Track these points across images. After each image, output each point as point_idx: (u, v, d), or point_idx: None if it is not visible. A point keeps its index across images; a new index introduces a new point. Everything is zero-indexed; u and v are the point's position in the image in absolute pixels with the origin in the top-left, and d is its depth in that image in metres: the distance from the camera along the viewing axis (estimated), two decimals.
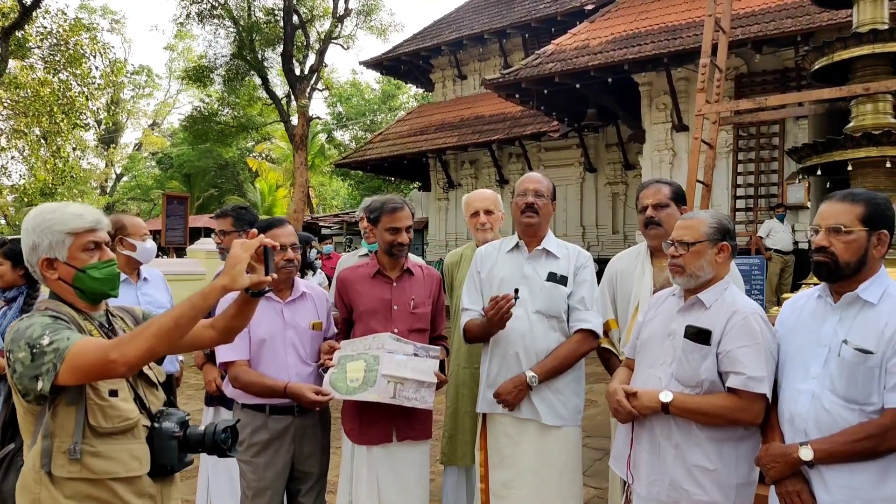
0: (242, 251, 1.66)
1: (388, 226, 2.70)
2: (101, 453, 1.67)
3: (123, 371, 1.58)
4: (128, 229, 3.24)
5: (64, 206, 1.77)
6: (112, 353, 1.55)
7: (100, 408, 1.67)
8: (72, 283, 1.75)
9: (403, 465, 2.69)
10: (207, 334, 1.88)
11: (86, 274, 1.75)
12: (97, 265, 1.76)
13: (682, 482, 2.08)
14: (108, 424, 1.68)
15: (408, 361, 2.58)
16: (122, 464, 1.69)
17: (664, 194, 2.70)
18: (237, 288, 1.66)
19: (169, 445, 1.77)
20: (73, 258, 1.74)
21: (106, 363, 1.55)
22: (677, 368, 2.12)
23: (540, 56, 12.44)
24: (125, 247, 3.22)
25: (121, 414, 1.70)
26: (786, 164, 11.23)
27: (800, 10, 9.87)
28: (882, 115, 4.17)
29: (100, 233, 1.79)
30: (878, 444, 1.78)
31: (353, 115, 31.57)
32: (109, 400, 1.69)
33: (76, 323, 1.72)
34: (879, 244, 1.91)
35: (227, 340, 1.94)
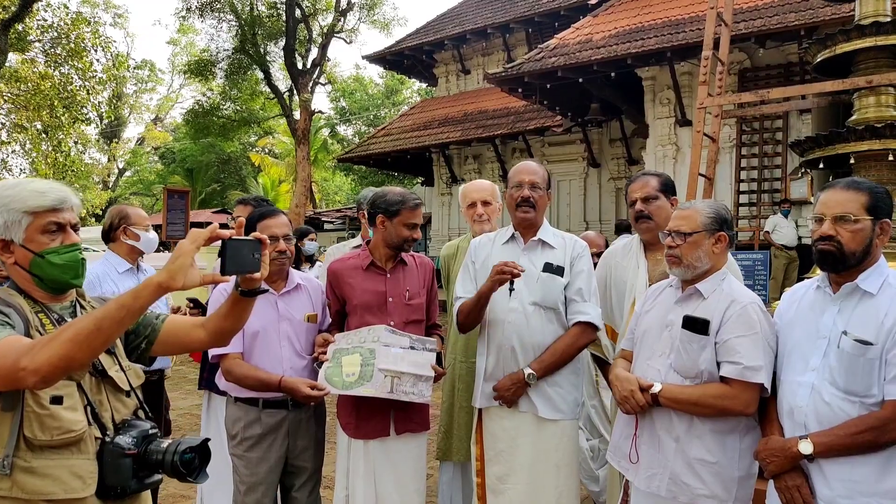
0: (189, 242, 1.41)
1: (407, 221, 2.64)
2: (35, 470, 1.43)
3: (34, 382, 1.32)
4: (131, 219, 3.30)
5: (25, 183, 1.56)
6: (23, 360, 1.30)
7: (37, 416, 1.44)
8: (28, 269, 1.54)
9: (401, 458, 2.66)
10: (197, 335, 1.70)
11: (44, 259, 1.53)
12: (57, 249, 1.54)
13: (683, 476, 2.06)
14: (44, 436, 1.44)
15: (405, 355, 2.55)
16: (60, 483, 1.45)
17: (652, 186, 2.64)
18: (176, 287, 1.39)
19: (121, 464, 1.51)
20: (31, 240, 1.52)
21: (15, 371, 1.31)
22: (676, 359, 2.10)
23: (543, 50, 12.39)
24: (129, 236, 3.27)
25: (61, 425, 1.46)
26: (789, 158, 11.16)
27: (803, 5, 9.81)
28: (885, 107, 4.14)
29: (64, 213, 1.56)
30: (879, 436, 1.76)
31: (355, 110, 31.55)
32: (50, 408, 1.45)
33: (24, 316, 1.49)
34: (882, 234, 1.89)
35: (219, 343, 1.75)
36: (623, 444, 2.24)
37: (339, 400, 2.73)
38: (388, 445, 2.64)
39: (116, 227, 3.26)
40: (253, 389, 2.54)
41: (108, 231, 3.29)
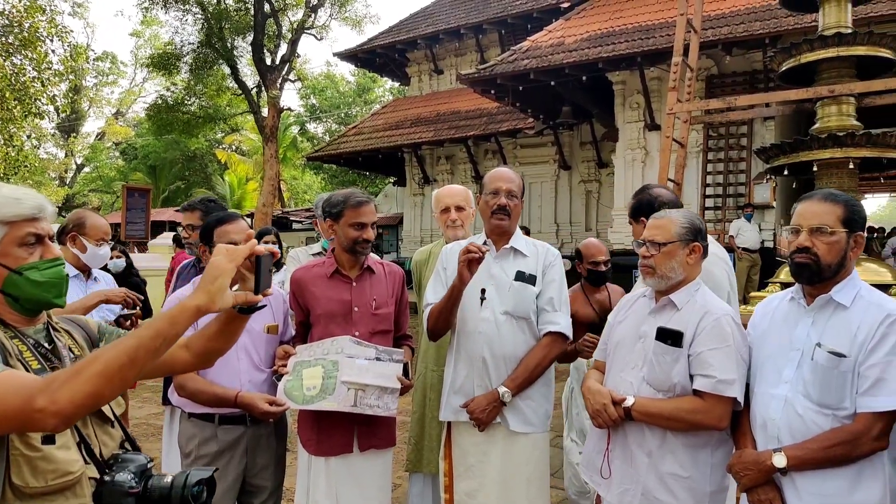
0: (227, 261, 1.27)
1: (352, 221, 2.52)
2: None
3: (54, 424, 1.16)
4: (86, 228, 3.12)
5: None
6: (39, 400, 1.13)
7: (27, 460, 1.26)
8: (1, 289, 1.34)
9: (364, 476, 2.56)
10: (181, 357, 1.52)
11: (22, 277, 1.34)
12: (37, 265, 1.36)
13: (655, 491, 2.03)
14: (38, 483, 1.27)
15: (370, 366, 2.45)
16: None
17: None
18: (216, 309, 1.27)
19: None
20: (6, 255, 1.33)
21: (30, 413, 1.13)
22: (649, 372, 2.07)
23: (516, 52, 12.43)
24: (76, 245, 3.08)
25: (58, 468, 1.29)
26: (753, 164, 11.38)
27: (768, 14, 10.01)
28: (846, 116, 4.23)
29: (42, 223, 1.38)
30: (851, 450, 1.75)
31: (326, 108, 31.27)
32: (42, 449, 1.28)
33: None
34: (856, 246, 1.89)
35: (204, 365, 1.58)
36: (595, 459, 2.20)
37: (299, 415, 2.62)
38: (351, 462, 2.53)
39: (68, 232, 3.09)
40: (208, 405, 2.42)
41: (60, 232, 3.14)
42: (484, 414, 2.42)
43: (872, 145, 3.81)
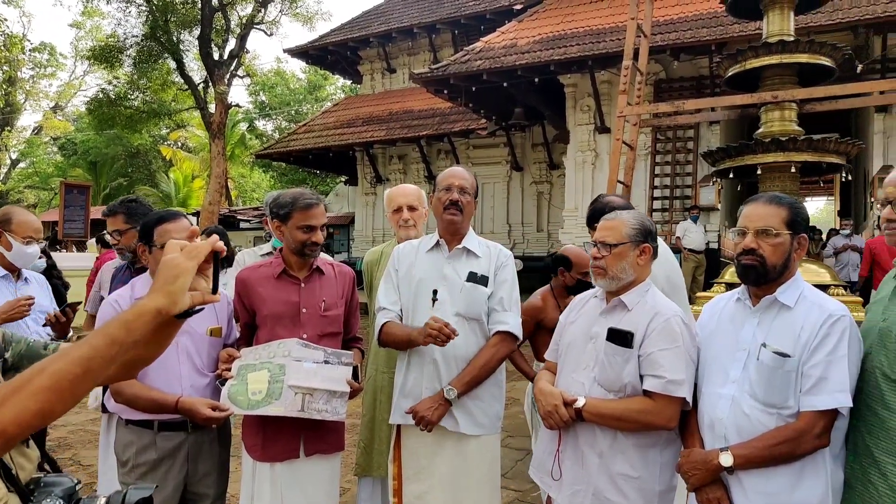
0: (187, 259, 1.15)
1: (300, 223, 2.45)
2: None
3: None
4: (12, 225, 2.93)
5: None
6: None
7: None
8: None
9: (311, 481, 2.48)
10: None
11: None
12: None
13: (606, 491, 2.03)
14: None
15: (318, 370, 2.38)
16: None
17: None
18: (176, 311, 1.15)
19: None
20: None
21: None
22: (600, 373, 2.07)
23: (469, 53, 12.46)
24: (2, 243, 2.91)
25: None
26: (699, 167, 11.70)
27: (714, 21, 10.30)
28: (788, 122, 4.36)
29: None
30: (795, 448, 1.78)
31: (276, 105, 30.73)
32: None
33: None
34: (800, 248, 1.93)
35: (128, 376, 1.41)
36: (546, 461, 2.19)
37: (244, 420, 2.53)
38: (297, 468, 2.45)
39: None
40: (147, 411, 2.31)
41: None
42: (429, 412, 2.39)
43: (813, 150, 3.94)
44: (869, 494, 1.78)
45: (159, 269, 1.17)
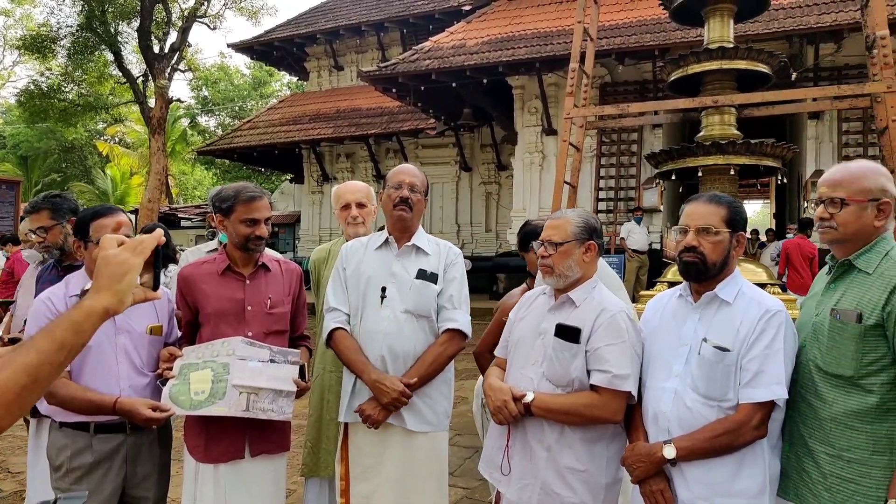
0: (133, 255, 1.11)
1: (243, 217, 2.38)
2: None
3: None
4: None
5: None
6: None
7: None
8: None
9: (256, 482, 2.42)
10: None
11: None
12: None
13: (554, 485, 2.05)
14: None
15: (263, 369, 2.32)
16: None
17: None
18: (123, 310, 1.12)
19: None
20: None
21: None
22: (548, 368, 2.09)
23: (417, 52, 12.44)
24: None
25: None
26: (643, 169, 12.01)
27: (658, 27, 10.59)
28: (728, 126, 4.50)
29: None
30: (734, 439, 1.84)
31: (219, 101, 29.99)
32: None
33: None
34: (738, 245, 1.99)
35: None
36: (495, 456, 2.20)
37: (186, 420, 2.45)
38: (242, 469, 2.39)
39: None
40: (82, 413, 2.21)
41: None
42: (376, 410, 2.37)
43: (751, 153, 4.08)
44: (803, 482, 1.86)
45: (101, 265, 1.11)
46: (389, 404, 2.35)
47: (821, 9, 10.02)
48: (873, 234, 1.84)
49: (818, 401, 1.84)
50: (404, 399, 2.35)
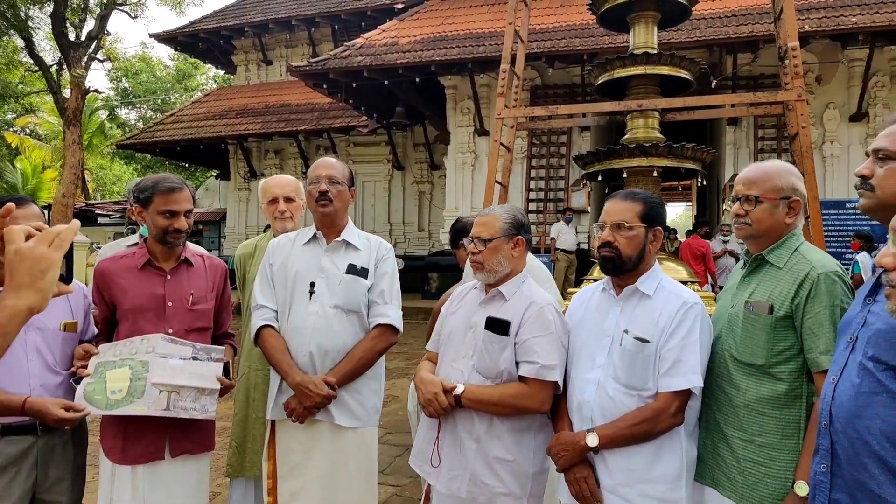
0: (54, 250, 1.07)
1: (162, 208, 2.30)
2: None
3: None
4: None
5: None
6: None
7: None
8: None
9: (177, 484, 2.33)
10: None
11: None
12: None
13: (482, 476, 2.07)
14: None
15: (185, 366, 2.24)
16: None
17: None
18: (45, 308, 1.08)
19: None
20: None
21: None
22: (478, 360, 2.12)
23: (349, 48, 12.30)
24: None
25: None
26: (571, 171, 12.31)
27: (586, 32, 10.87)
28: (651, 129, 4.66)
29: None
30: (653, 426, 1.91)
31: (140, 92, 28.70)
32: None
33: None
34: (655, 240, 2.07)
35: None
36: (425, 449, 2.21)
37: (102, 420, 2.34)
38: (161, 470, 2.30)
39: None
40: None
41: None
42: (301, 407, 2.33)
43: (672, 156, 4.23)
44: (718, 466, 1.94)
45: (15, 261, 1.06)
46: (313, 407, 2.33)
47: (739, 20, 10.55)
48: (784, 230, 1.94)
49: (732, 389, 1.92)
50: (328, 401, 2.33)
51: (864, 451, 1.39)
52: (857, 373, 1.43)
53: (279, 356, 2.39)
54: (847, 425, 1.43)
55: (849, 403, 1.42)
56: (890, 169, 1.55)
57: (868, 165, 1.61)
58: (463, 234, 2.60)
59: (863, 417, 1.39)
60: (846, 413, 1.43)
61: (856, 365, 1.44)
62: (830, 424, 1.47)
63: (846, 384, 1.45)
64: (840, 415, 1.45)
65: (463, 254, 2.66)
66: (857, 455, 1.40)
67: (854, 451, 1.41)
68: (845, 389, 1.45)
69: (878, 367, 1.39)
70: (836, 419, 1.46)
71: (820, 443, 1.51)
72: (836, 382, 1.49)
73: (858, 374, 1.42)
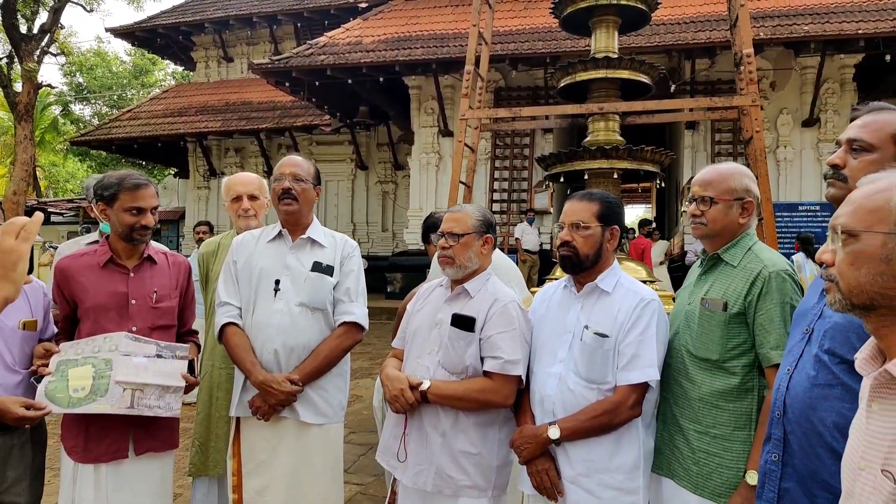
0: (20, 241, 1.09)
1: (128, 205, 2.27)
2: None
3: None
4: None
5: None
6: None
7: None
8: None
9: (141, 482, 2.31)
10: None
11: None
12: None
13: (448, 469, 2.11)
14: None
15: (149, 364, 2.22)
16: None
17: None
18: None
19: None
20: None
21: None
22: (444, 356, 2.16)
23: (312, 47, 12.22)
24: None
25: None
26: (534, 172, 12.45)
27: (549, 35, 11.02)
28: (612, 132, 4.76)
29: None
30: (612, 419, 1.98)
31: (95, 88, 27.91)
32: None
33: None
34: (612, 238, 2.13)
35: None
36: (392, 444, 2.24)
37: (64, 419, 2.31)
38: (125, 469, 2.27)
39: None
40: None
41: None
42: (265, 405, 2.34)
43: (632, 158, 4.33)
44: (675, 457, 2.02)
45: None
46: (277, 405, 2.34)
47: (697, 27, 10.82)
48: (738, 230, 2.02)
49: (689, 382, 2.00)
50: (292, 399, 2.35)
51: (818, 442, 1.43)
52: (813, 365, 1.46)
53: (242, 354, 2.39)
54: (801, 416, 1.46)
55: (803, 395, 1.46)
56: (864, 160, 1.55)
57: (841, 155, 1.61)
58: (435, 230, 2.62)
59: (817, 409, 1.43)
60: (800, 404, 1.47)
61: (811, 357, 1.47)
62: (784, 415, 1.51)
63: (801, 375, 1.49)
64: (794, 405, 1.48)
65: (434, 249, 2.69)
66: (812, 445, 1.45)
67: (808, 442, 1.45)
68: (800, 381, 1.48)
69: (833, 360, 1.42)
70: (790, 409, 1.50)
71: (772, 432, 1.56)
72: (791, 373, 1.52)
73: (814, 367, 1.46)
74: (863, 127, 1.59)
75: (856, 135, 1.59)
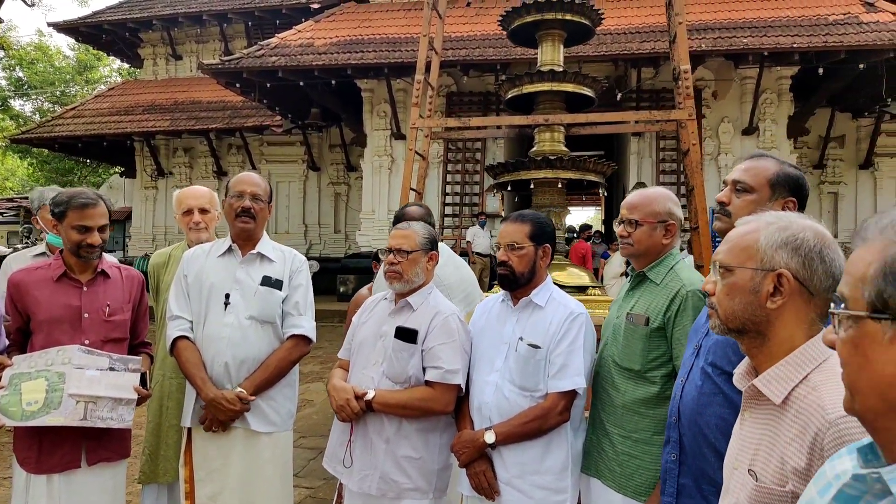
0: None
1: (75, 223, 2.33)
2: None
3: None
4: None
5: None
6: None
7: None
8: None
9: (94, 492, 2.37)
10: None
11: None
12: None
13: (392, 473, 2.24)
14: None
15: (102, 377, 2.28)
16: None
17: None
18: None
19: None
20: None
21: None
22: (388, 367, 2.28)
23: (263, 48, 12.13)
24: None
25: None
26: (486, 176, 12.65)
27: (500, 42, 11.22)
28: (557, 143, 4.94)
29: None
30: (543, 423, 2.14)
31: (37, 83, 26.88)
32: None
33: None
34: (545, 256, 2.30)
35: None
36: (338, 451, 2.35)
37: (16, 431, 2.34)
38: (78, 479, 2.33)
39: None
40: None
41: None
42: (216, 420, 2.43)
43: (576, 168, 4.52)
44: (601, 459, 2.19)
45: None
46: (226, 420, 2.43)
47: (642, 37, 11.20)
48: (662, 250, 2.19)
49: (614, 390, 2.17)
50: (243, 413, 2.44)
51: (704, 443, 1.65)
52: (700, 376, 1.68)
53: (193, 370, 2.47)
54: (691, 421, 1.68)
55: (692, 402, 1.68)
56: (745, 200, 1.81)
57: (727, 194, 1.86)
58: None
59: (703, 414, 1.64)
60: (690, 411, 1.68)
61: (699, 369, 1.69)
62: (679, 420, 1.73)
63: (691, 385, 1.70)
64: (686, 412, 1.70)
65: None
66: (699, 446, 1.66)
67: (696, 443, 1.67)
68: (690, 390, 1.70)
69: (715, 371, 1.64)
70: (683, 415, 1.71)
71: (670, 435, 1.77)
72: (684, 384, 1.74)
73: (701, 377, 1.67)
74: (745, 171, 1.83)
75: (739, 177, 1.83)
